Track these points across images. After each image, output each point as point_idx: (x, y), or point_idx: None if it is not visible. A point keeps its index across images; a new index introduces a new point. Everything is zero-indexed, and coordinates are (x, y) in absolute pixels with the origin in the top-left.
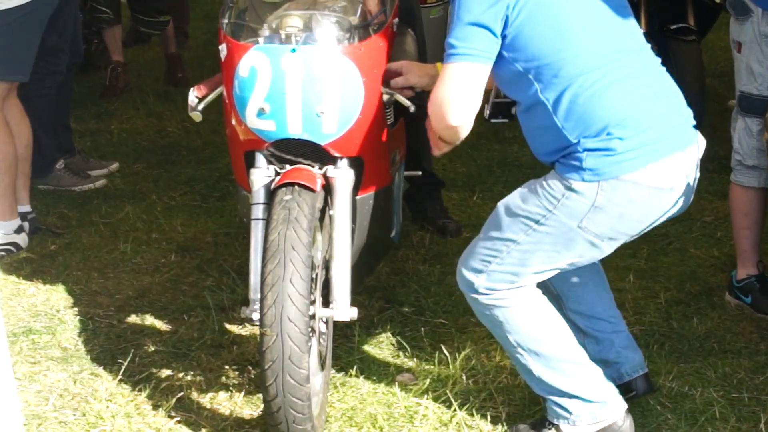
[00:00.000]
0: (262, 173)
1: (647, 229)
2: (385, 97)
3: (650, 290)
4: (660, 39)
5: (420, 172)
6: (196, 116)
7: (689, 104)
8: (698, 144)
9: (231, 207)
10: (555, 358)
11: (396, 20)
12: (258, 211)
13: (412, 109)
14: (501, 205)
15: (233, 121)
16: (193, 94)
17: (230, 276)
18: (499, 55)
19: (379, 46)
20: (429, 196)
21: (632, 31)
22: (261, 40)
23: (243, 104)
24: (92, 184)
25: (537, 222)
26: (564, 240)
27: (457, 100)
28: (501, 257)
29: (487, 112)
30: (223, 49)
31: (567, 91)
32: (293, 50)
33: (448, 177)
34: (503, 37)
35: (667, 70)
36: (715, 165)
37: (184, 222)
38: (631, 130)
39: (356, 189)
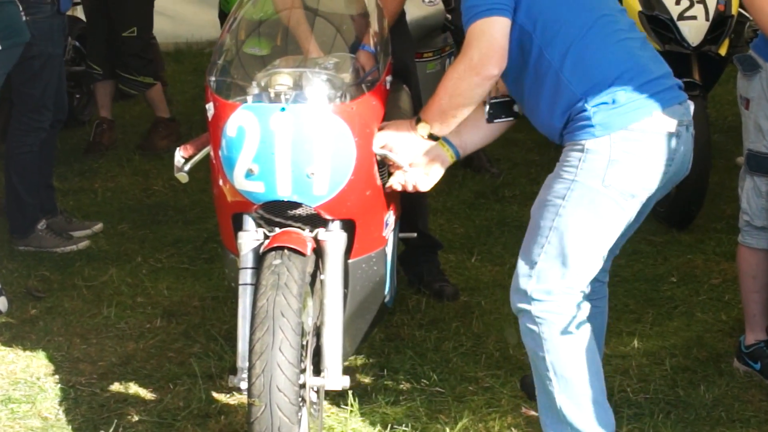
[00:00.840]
0: (250, 236)
1: (660, 185)
2: (378, 157)
3: (655, 356)
4: None
5: (415, 234)
6: (183, 177)
7: (693, 161)
8: (689, 103)
9: (219, 270)
10: (581, 391)
11: (389, 77)
12: (246, 276)
13: (406, 168)
14: (532, 209)
15: (220, 183)
16: (180, 155)
17: (218, 342)
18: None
19: (372, 104)
20: (425, 259)
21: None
22: (249, 98)
23: (231, 165)
24: (75, 246)
25: (564, 198)
26: (594, 206)
27: (494, 50)
28: (545, 249)
29: (486, 114)
30: (210, 107)
31: (570, 48)
32: (283, 109)
33: (445, 238)
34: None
35: None
36: (723, 225)
37: (171, 285)
38: (634, 81)
39: (348, 252)
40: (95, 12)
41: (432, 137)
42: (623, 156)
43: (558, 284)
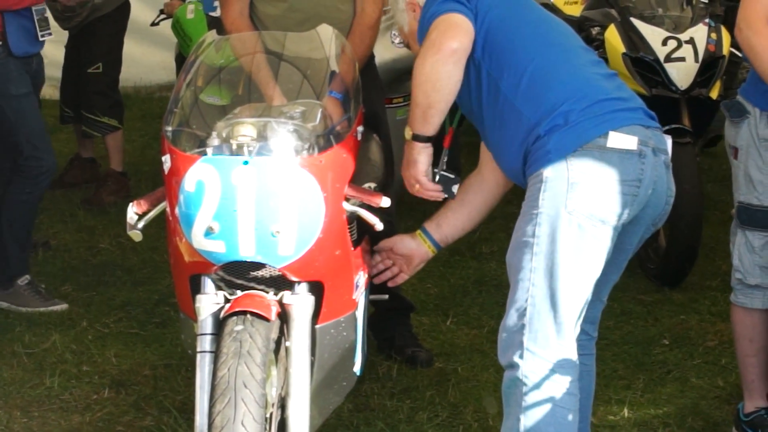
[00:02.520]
0: (209, 300)
1: (631, 213)
2: (348, 213)
3: (648, 426)
4: None
5: (386, 296)
6: (136, 235)
7: (684, 214)
8: (662, 135)
9: (172, 335)
10: None
11: (361, 127)
12: (205, 343)
13: (378, 226)
14: (507, 256)
15: (177, 241)
16: (132, 211)
17: (172, 415)
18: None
19: (341, 157)
20: (397, 322)
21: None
22: (209, 150)
23: (189, 222)
24: (56, 306)
25: (534, 235)
26: (565, 236)
27: (452, 26)
28: (530, 293)
29: (434, 175)
30: (166, 160)
31: (523, 77)
32: (245, 162)
33: (418, 299)
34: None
35: None
36: (719, 282)
37: (119, 352)
38: (587, 99)
39: (316, 317)
40: (70, 50)
41: (417, 138)
42: (582, 177)
43: (551, 331)
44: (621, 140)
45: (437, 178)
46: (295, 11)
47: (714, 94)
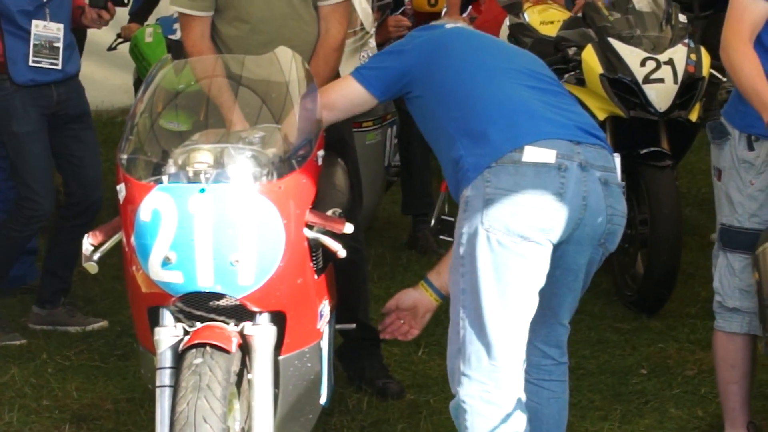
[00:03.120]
0: (168, 332)
1: (561, 229)
2: (310, 240)
3: None
4: (629, 165)
5: (354, 325)
6: (92, 267)
7: (663, 238)
8: (607, 152)
9: (135, 367)
10: None
11: (321, 152)
12: (164, 377)
13: (341, 253)
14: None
15: (134, 272)
16: (88, 242)
17: None
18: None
19: (302, 182)
20: (366, 353)
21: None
22: (165, 178)
23: (145, 253)
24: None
25: (460, 256)
26: (485, 255)
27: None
28: (461, 316)
29: (434, 225)
30: (121, 189)
31: (455, 102)
32: (202, 190)
33: None
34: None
35: (637, 200)
36: (698, 309)
37: (80, 386)
38: (505, 118)
39: (278, 348)
40: None
41: None
42: (497, 192)
43: (482, 353)
44: (537, 154)
45: (436, 224)
46: (258, 33)
47: (693, 116)
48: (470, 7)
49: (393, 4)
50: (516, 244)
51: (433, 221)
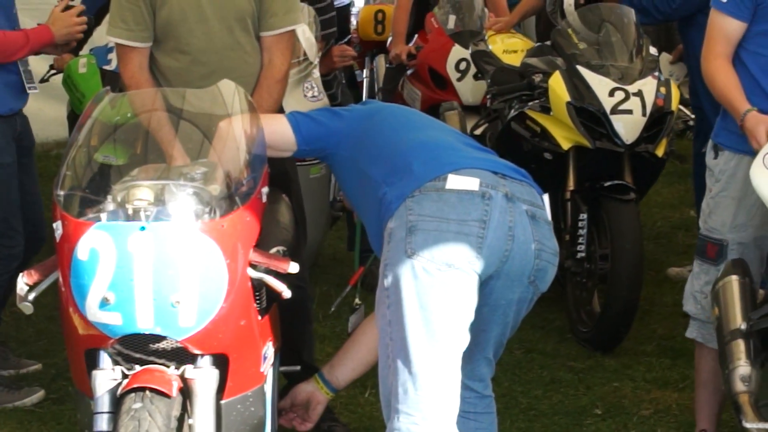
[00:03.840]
0: (106, 376)
1: (487, 260)
2: (254, 280)
3: None
4: (591, 198)
5: (299, 367)
6: (26, 308)
7: (623, 274)
8: (534, 190)
9: (71, 412)
10: None
11: (266, 188)
12: (102, 423)
13: (285, 294)
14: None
15: (71, 313)
16: (23, 281)
17: None
18: (334, 151)
19: (245, 220)
20: None
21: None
22: (103, 216)
23: (82, 293)
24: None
25: (385, 287)
26: (409, 282)
27: None
28: (390, 349)
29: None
30: (58, 226)
31: (380, 153)
32: (142, 228)
33: None
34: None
35: (598, 233)
36: (654, 347)
37: (14, 431)
38: (429, 152)
39: (220, 392)
40: None
41: None
42: (420, 220)
43: (409, 384)
44: (460, 181)
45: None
46: (199, 64)
47: (660, 151)
48: (416, 36)
49: (338, 33)
50: (441, 271)
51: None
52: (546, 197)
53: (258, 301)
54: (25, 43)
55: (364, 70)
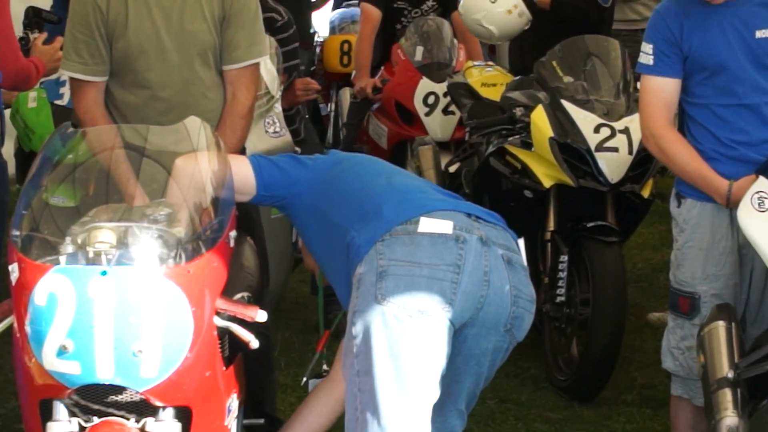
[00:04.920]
0: (61, 428)
1: (462, 307)
2: (220, 329)
3: None
4: (573, 239)
5: (262, 420)
6: None
7: (605, 319)
8: (509, 234)
9: None
10: None
11: (234, 232)
12: None
13: (253, 344)
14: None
15: (26, 361)
16: None
17: None
18: (295, 201)
19: (212, 266)
20: None
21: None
22: (62, 259)
23: (39, 340)
24: None
25: (354, 336)
26: (379, 330)
27: None
28: (359, 401)
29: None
30: (14, 269)
31: (347, 200)
32: (104, 273)
33: None
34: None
35: (579, 277)
36: (634, 396)
37: None
38: (398, 196)
39: None
40: None
41: None
42: (391, 265)
43: None
44: (433, 224)
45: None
46: (157, 100)
47: (646, 192)
48: (382, 68)
49: (301, 64)
50: (412, 319)
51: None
52: (521, 242)
53: (223, 351)
54: (36, 73)
55: (329, 104)
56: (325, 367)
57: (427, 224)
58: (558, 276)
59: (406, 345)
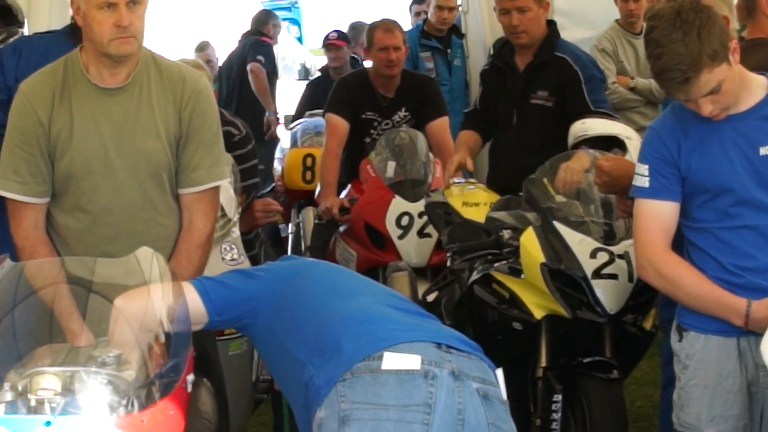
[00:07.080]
0: None
1: None
2: None
3: None
4: (567, 377)
5: None
6: None
7: None
8: (485, 364)
9: None
10: None
11: (191, 376)
12: None
13: None
14: None
15: None
16: None
17: None
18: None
19: (168, 414)
20: None
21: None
22: (1, 407)
23: None
24: None
25: None
26: None
27: None
28: None
29: None
30: None
31: (302, 326)
32: (48, 423)
33: None
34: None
35: (574, 418)
36: None
37: None
38: (359, 327)
39: None
40: None
41: None
42: (355, 408)
43: None
44: (398, 360)
45: None
46: (103, 225)
47: (648, 323)
48: (349, 186)
49: (260, 184)
50: None
51: None
52: (500, 372)
53: None
54: None
55: (290, 224)
56: None
57: (392, 360)
58: (551, 418)
59: None
